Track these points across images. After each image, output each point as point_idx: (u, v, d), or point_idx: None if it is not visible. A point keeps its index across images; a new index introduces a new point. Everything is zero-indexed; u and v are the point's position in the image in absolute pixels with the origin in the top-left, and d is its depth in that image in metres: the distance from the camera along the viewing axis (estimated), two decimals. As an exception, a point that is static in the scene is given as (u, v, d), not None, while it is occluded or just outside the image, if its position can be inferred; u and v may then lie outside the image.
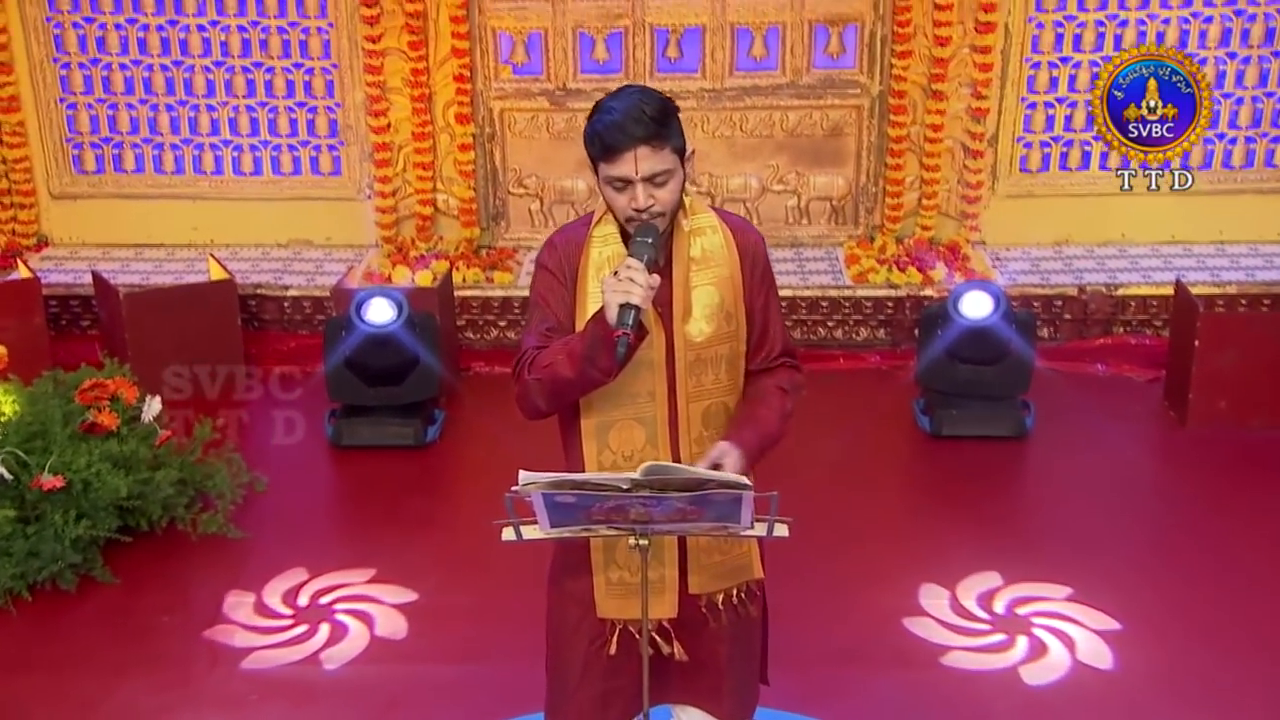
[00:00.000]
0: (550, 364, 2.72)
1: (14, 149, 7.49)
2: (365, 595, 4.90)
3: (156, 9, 7.30)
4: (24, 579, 4.76)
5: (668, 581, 2.96)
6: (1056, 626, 4.66)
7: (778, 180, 7.47)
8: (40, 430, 4.98)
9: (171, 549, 5.15)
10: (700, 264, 2.86)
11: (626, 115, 2.66)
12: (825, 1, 7.24)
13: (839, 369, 6.95)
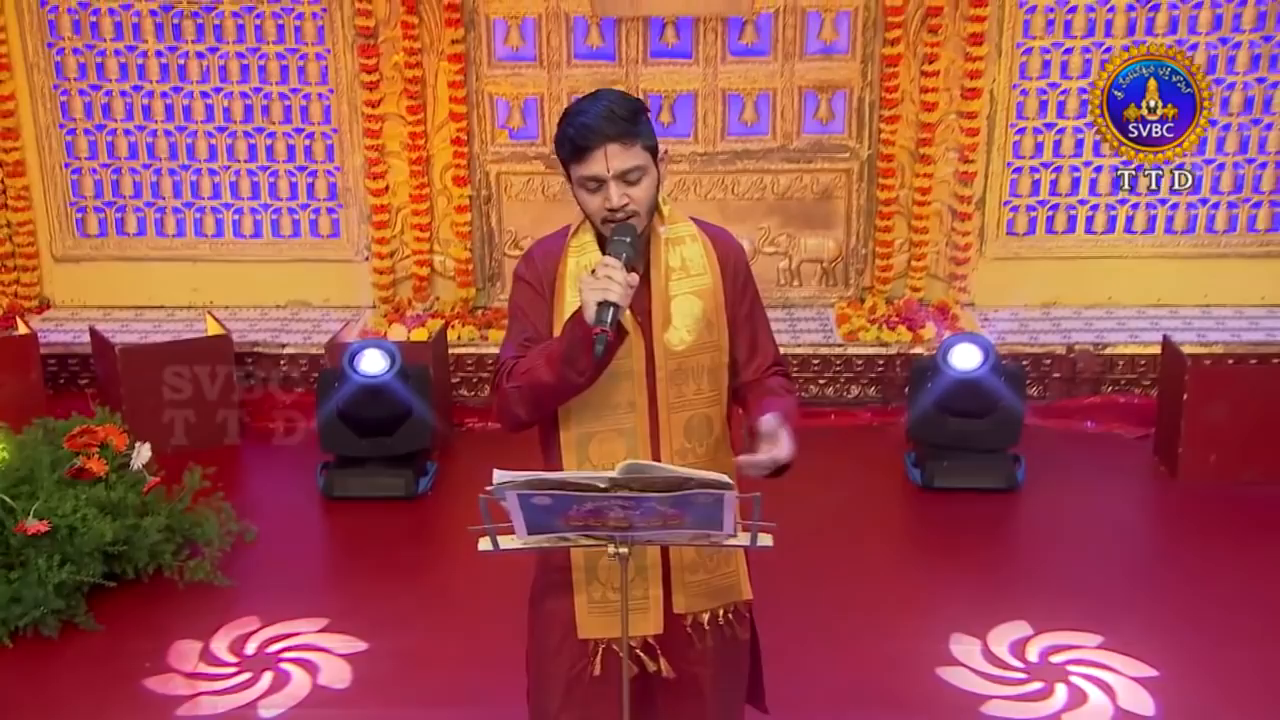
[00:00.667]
0: (529, 370, 2.63)
1: (18, 212, 7.42)
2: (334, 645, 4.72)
3: (161, 76, 7.28)
4: (5, 625, 4.63)
5: (652, 599, 2.84)
6: (1093, 674, 4.47)
7: (769, 242, 7.37)
8: (27, 476, 4.89)
9: (158, 596, 4.97)
10: (680, 272, 2.78)
11: (596, 115, 2.59)
12: (815, 69, 7.18)
13: (830, 425, 6.79)
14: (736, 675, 2.99)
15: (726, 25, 7.11)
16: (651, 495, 2.31)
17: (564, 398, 2.65)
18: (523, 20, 7.14)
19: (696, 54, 7.16)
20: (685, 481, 2.31)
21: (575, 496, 2.33)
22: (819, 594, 4.99)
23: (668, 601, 2.85)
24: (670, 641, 2.86)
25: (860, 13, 7.09)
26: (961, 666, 4.50)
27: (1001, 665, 4.52)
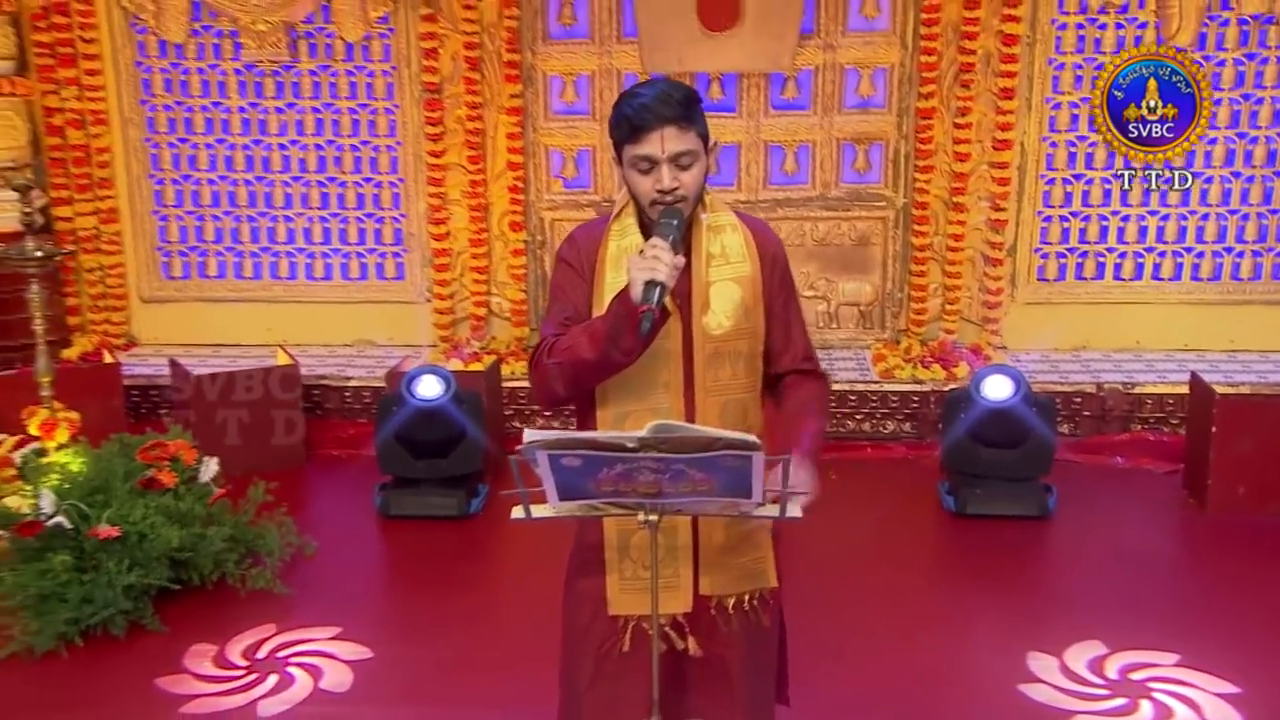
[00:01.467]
0: (570, 346, 2.47)
1: (110, 256, 7.42)
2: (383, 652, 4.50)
3: (243, 130, 7.29)
4: (77, 624, 4.48)
5: (682, 579, 2.66)
6: (1176, 691, 4.17)
7: (808, 286, 7.18)
8: (102, 485, 4.78)
9: (219, 601, 4.82)
10: (720, 260, 2.62)
11: (655, 98, 2.45)
12: (853, 122, 7.05)
13: (866, 458, 6.56)
14: (764, 662, 2.77)
15: (769, 81, 7.02)
16: (680, 457, 2.14)
17: (604, 375, 2.48)
18: (577, 76, 7.09)
19: (740, 108, 7.06)
20: (714, 441, 2.13)
21: (605, 458, 2.16)
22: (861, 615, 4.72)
23: (696, 583, 2.67)
24: (698, 622, 2.68)
25: (896, 69, 6.97)
26: (1043, 683, 4.20)
27: (1082, 682, 4.22)
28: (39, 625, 4.42)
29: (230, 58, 7.17)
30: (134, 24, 7.16)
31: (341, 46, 7.10)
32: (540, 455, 2.16)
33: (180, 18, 7.09)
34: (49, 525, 4.54)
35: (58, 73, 7.11)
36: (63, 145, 7.21)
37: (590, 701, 2.67)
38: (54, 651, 4.40)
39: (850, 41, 6.95)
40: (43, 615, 4.44)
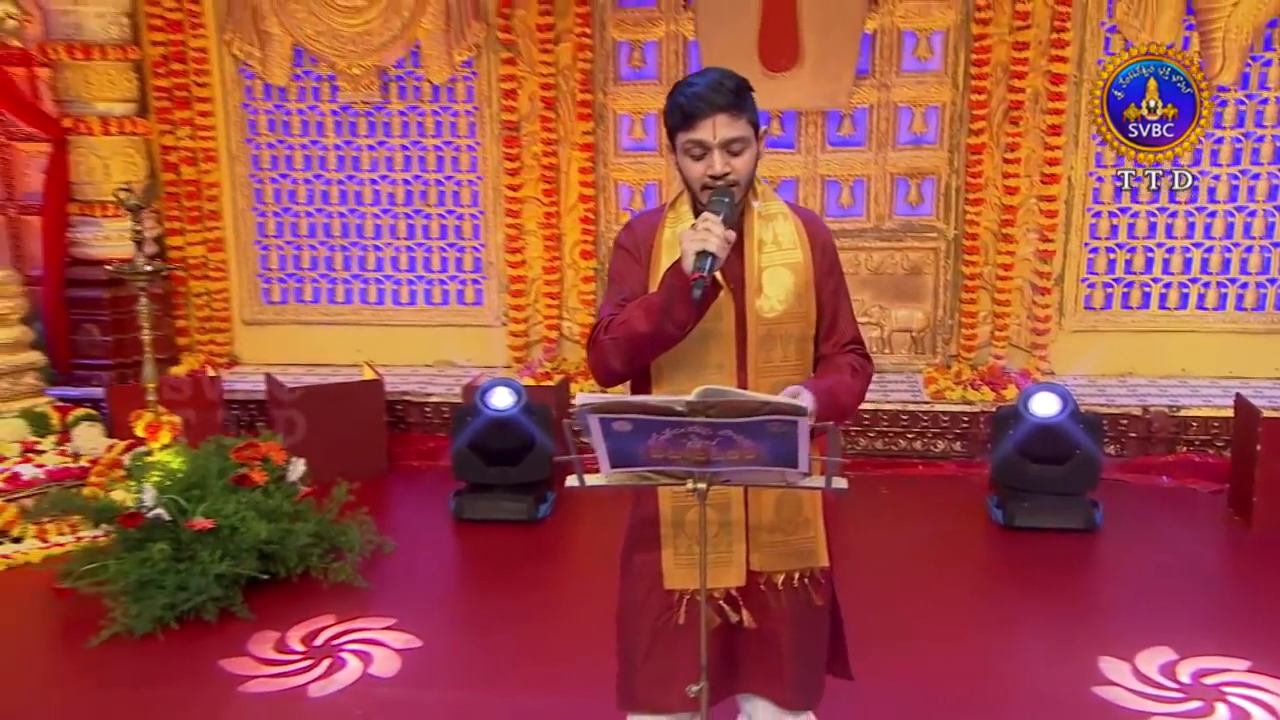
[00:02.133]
0: (626, 321, 2.42)
1: (216, 282, 7.51)
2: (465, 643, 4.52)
3: (338, 166, 7.36)
4: (173, 609, 4.49)
5: (735, 554, 2.58)
6: (1252, 695, 3.98)
7: (863, 314, 7.05)
8: (199, 482, 4.82)
9: (304, 593, 4.81)
10: (772, 246, 2.56)
11: (707, 86, 2.42)
12: (906, 157, 6.95)
13: (917, 474, 6.40)
14: (814, 638, 2.66)
15: (826, 118, 6.95)
16: (727, 421, 2.06)
17: (659, 349, 2.42)
18: (645, 115, 7.07)
19: (799, 144, 6.99)
20: (760, 406, 2.06)
21: (655, 423, 2.08)
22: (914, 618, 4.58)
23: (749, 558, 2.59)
24: (751, 597, 2.59)
25: (948, 107, 6.86)
26: (1117, 686, 4.03)
27: (1156, 685, 4.05)
28: (138, 609, 4.45)
29: (328, 99, 7.26)
30: (242, 69, 7.28)
31: (429, 89, 7.16)
32: (592, 420, 2.10)
33: (283, 63, 7.20)
34: (149, 517, 4.56)
35: (174, 114, 7.25)
36: (176, 180, 7.33)
37: (646, 673, 2.59)
38: (151, 634, 4.40)
39: (904, 81, 6.86)
40: (142, 600, 4.47)
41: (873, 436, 6.54)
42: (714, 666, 2.56)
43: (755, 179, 2.56)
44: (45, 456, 5.79)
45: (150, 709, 4.01)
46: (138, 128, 7.11)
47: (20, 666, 4.39)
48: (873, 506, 5.92)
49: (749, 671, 2.64)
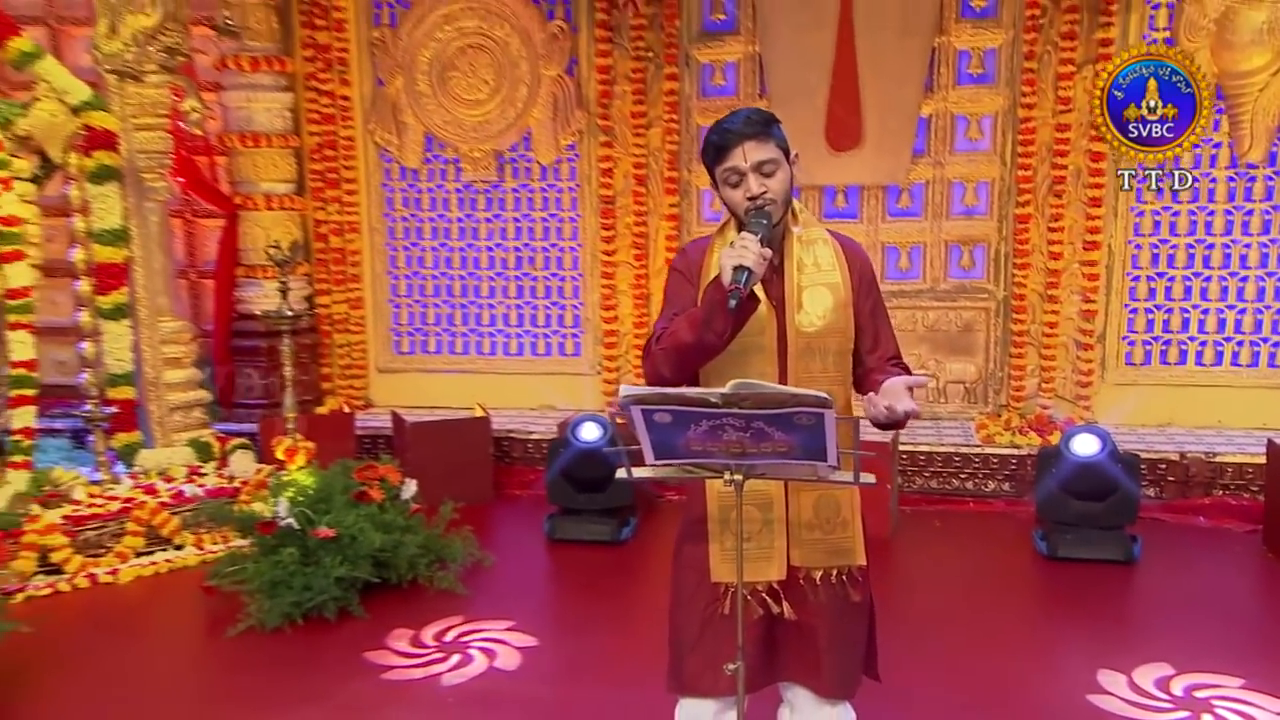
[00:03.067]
0: (674, 332, 2.39)
1: (355, 335, 7.66)
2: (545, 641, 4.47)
3: (459, 236, 7.49)
4: (299, 606, 4.54)
5: (777, 550, 2.51)
6: (1239, 709, 3.76)
7: (920, 366, 6.90)
8: (326, 497, 4.87)
9: (412, 598, 4.82)
10: (812, 268, 2.51)
11: (733, 121, 2.41)
12: (959, 226, 6.83)
13: (969, 511, 6.18)
14: (851, 632, 2.56)
15: (886, 192, 6.86)
16: (759, 413, 2.01)
17: (703, 357, 2.37)
18: (726, 191, 7.06)
19: (861, 214, 6.92)
20: (789, 399, 2.00)
21: (692, 415, 2.03)
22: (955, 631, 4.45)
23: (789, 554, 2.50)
24: (791, 590, 2.51)
25: (997, 182, 6.73)
26: (1110, 695, 3.85)
27: (1148, 696, 3.86)
28: (269, 605, 4.50)
29: (452, 179, 7.41)
30: (382, 154, 7.48)
31: (538, 169, 7.26)
32: (635, 411, 2.06)
33: (417, 149, 7.39)
34: (282, 526, 4.63)
35: (325, 192, 7.46)
36: (325, 249, 7.53)
37: (694, 659, 2.52)
38: (279, 628, 4.45)
39: (956, 160, 6.76)
40: (273, 597, 4.52)
41: (928, 476, 6.35)
42: (756, 655, 2.48)
43: (797, 207, 2.52)
44: (206, 478, 5.92)
45: (298, 692, 4.01)
46: (295, 204, 7.34)
47: (175, 651, 4.52)
48: (926, 537, 5.74)
49: (789, 661, 2.55)
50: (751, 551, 2.46)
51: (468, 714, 3.83)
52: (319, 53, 7.28)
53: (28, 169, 5.83)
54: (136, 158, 6.06)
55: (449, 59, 7.20)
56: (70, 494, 5.54)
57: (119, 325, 6.06)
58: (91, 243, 6.00)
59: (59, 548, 5.16)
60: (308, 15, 7.24)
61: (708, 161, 2.45)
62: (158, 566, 5.30)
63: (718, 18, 6.91)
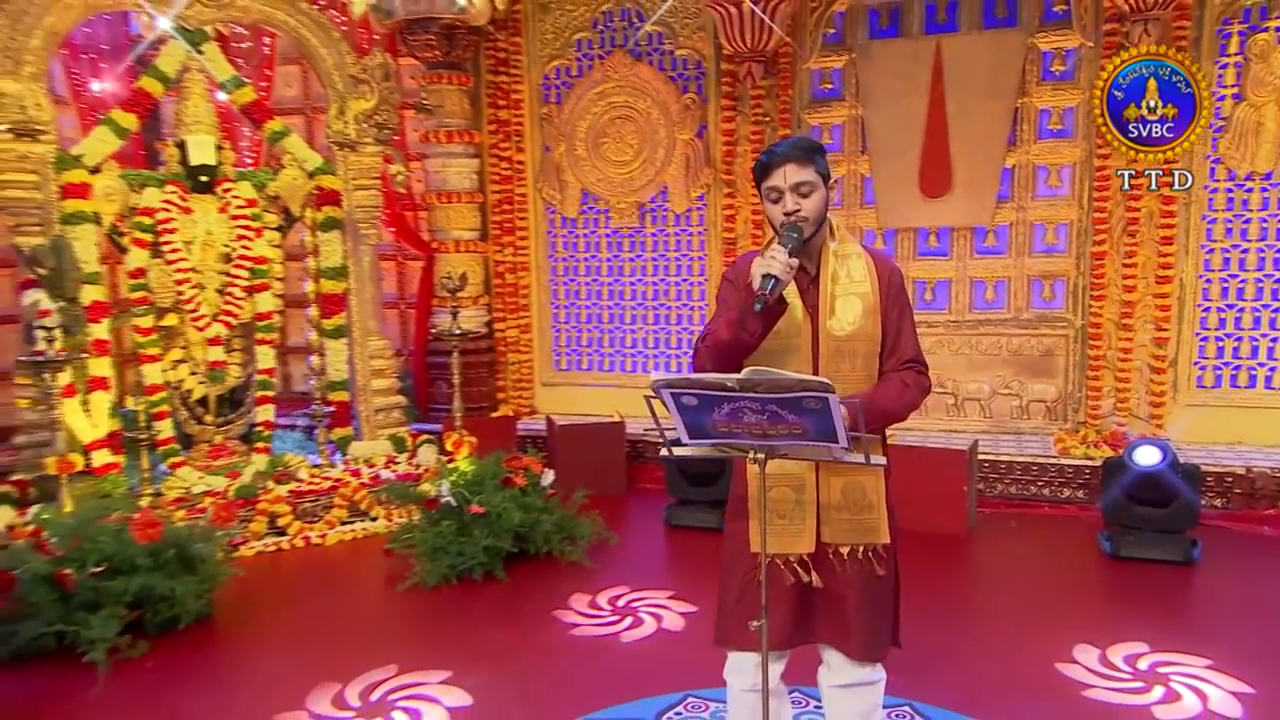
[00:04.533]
0: (715, 331, 2.39)
1: (524, 355, 7.85)
2: (669, 609, 4.42)
3: (608, 273, 7.59)
4: (454, 569, 4.69)
5: (807, 527, 2.47)
6: (1194, 685, 3.48)
7: (1005, 386, 6.57)
8: (479, 481, 4.99)
9: (548, 568, 4.90)
10: (845, 279, 2.45)
11: (783, 146, 2.39)
12: (1040, 262, 6.47)
13: (1044, 514, 5.83)
14: (877, 602, 2.47)
15: (974, 233, 6.58)
16: (772, 397, 1.97)
17: (740, 354, 2.34)
18: (831, 234, 6.93)
19: (952, 252, 6.65)
20: (796, 384, 1.96)
21: (714, 398, 2.02)
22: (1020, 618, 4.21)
23: (819, 531, 2.44)
24: (821, 563, 2.44)
25: (1075, 224, 6.35)
26: (1077, 664, 3.63)
27: (1112, 668, 3.66)
28: (430, 567, 4.67)
29: (603, 226, 7.54)
30: (548, 207, 7.69)
31: (673, 217, 7.31)
32: (665, 393, 2.06)
33: (575, 202, 7.57)
34: (443, 503, 4.79)
35: (502, 239, 7.71)
36: (502, 284, 7.77)
37: (734, 618, 2.49)
38: (437, 586, 4.60)
39: (1038, 204, 6.42)
40: (434, 561, 4.68)
41: (1008, 483, 6.03)
42: (790, 617, 2.43)
43: (835, 225, 2.47)
44: (399, 466, 6.18)
45: (495, 642, 4.06)
46: (478, 248, 7.62)
47: (359, 599, 4.69)
48: (1001, 536, 5.46)
49: (822, 626, 2.48)
50: (784, 527, 2.41)
51: (650, 666, 3.80)
52: (500, 126, 7.57)
53: (275, 220, 6.30)
54: (355, 211, 6.45)
55: (601, 128, 7.36)
56: (296, 474, 5.89)
57: (338, 343, 6.44)
58: (319, 278, 6.42)
59: (284, 515, 5.51)
60: (493, 97, 7.55)
61: (756, 179, 2.44)
62: (355, 533, 5.58)
63: (826, 87, 6.82)
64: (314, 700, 3.52)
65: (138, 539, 3.87)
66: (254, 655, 3.96)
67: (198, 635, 4.06)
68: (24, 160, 5.35)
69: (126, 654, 3.78)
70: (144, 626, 3.94)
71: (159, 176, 5.92)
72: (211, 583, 4.16)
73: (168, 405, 5.89)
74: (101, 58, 7.76)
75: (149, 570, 3.84)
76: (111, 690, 3.60)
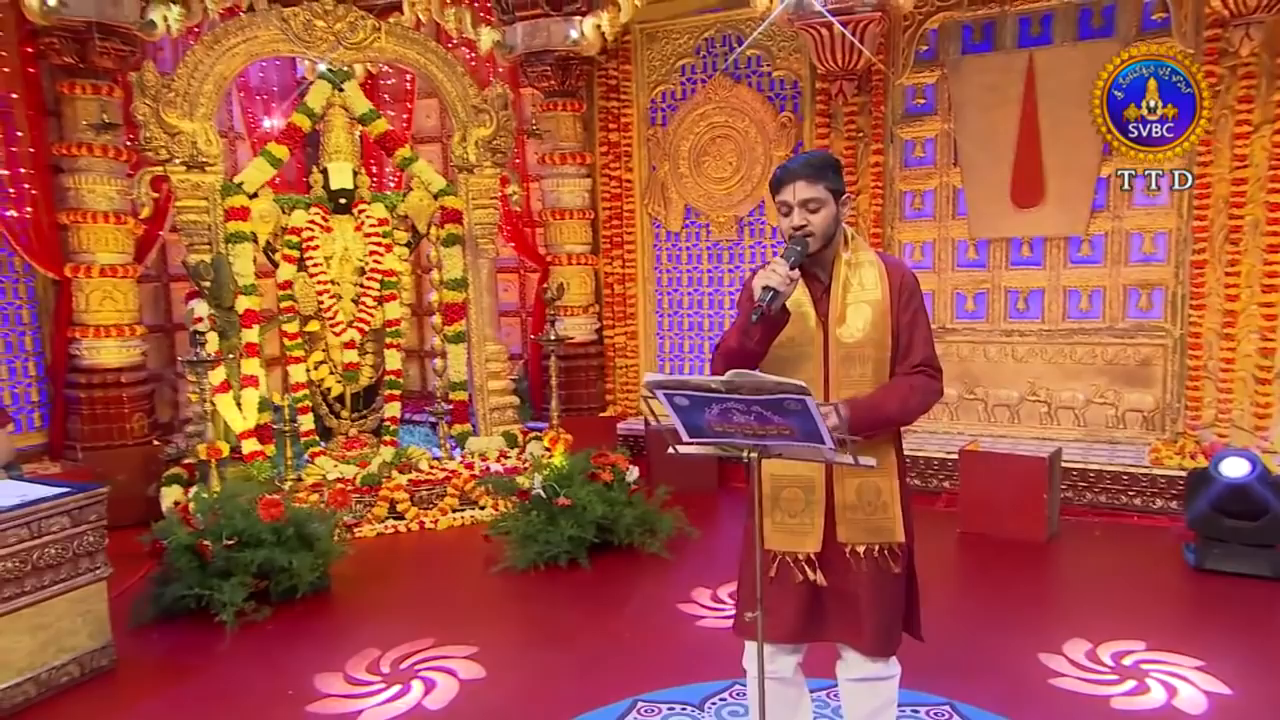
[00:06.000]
0: (725, 338, 2.42)
1: (630, 360, 7.92)
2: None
3: (708, 284, 7.60)
4: (541, 555, 4.81)
5: (815, 526, 2.46)
6: (1169, 682, 3.33)
7: (1099, 396, 6.19)
8: (569, 475, 5.10)
9: (629, 558, 4.97)
10: (857, 287, 2.42)
11: (795, 162, 2.38)
12: (1137, 271, 6.07)
13: (1133, 524, 5.47)
14: (891, 600, 2.43)
15: (1068, 242, 6.24)
16: (755, 399, 1.98)
17: (747, 360, 2.34)
18: (923, 244, 6.72)
19: (1045, 262, 6.32)
20: (775, 386, 1.95)
21: (704, 399, 2.04)
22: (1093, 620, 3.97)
23: (830, 531, 2.41)
24: (835, 562, 2.41)
25: (1174, 233, 5.93)
26: (1061, 656, 3.33)
27: (1097, 661, 3.44)
28: (520, 553, 4.81)
29: (704, 239, 7.57)
30: (654, 222, 7.78)
31: (769, 229, 7.27)
32: (659, 393, 2.09)
33: (678, 216, 7.63)
34: (534, 494, 4.93)
35: (612, 252, 7.83)
36: (611, 294, 7.90)
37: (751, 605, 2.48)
38: (525, 571, 4.74)
39: (1135, 213, 6.03)
40: (524, 547, 4.83)
41: (1097, 491, 5.68)
42: (802, 613, 2.42)
43: (851, 235, 2.44)
44: (509, 460, 6.37)
45: (565, 623, 4.15)
46: (589, 261, 7.78)
47: (459, 580, 4.87)
48: (1082, 544, 5.17)
49: (835, 623, 2.45)
50: (794, 526, 2.40)
51: (711, 653, 3.75)
52: (611, 148, 7.73)
53: (404, 237, 6.67)
54: (474, 228, 6.74)
55: (702, 147, 7.40)
56: (417, 464, 6.20)
57: (458, 347, 6.74)
58: (442, 289, 6.74)
59: (403, 501, 5.82)
60: (604, 121, 7.72)
61: (771, 192, 2.44)
62: (464, 520, 5.83)
63: (918, 102, 6.63)
64: (384, 663, 3.74)
65: (263, 517, 4.20)
66: (355, 623, 4.21)
67: (312, 604, 4.36)
68: (196, 188, 5.89)
69: (251, 617, 4.11)
70: (268, 594, 4.26)
71: (305, 199, 6.38)
72: (326, 559, 4.45)
73: (310, 401, 6.33)
74: (272, 97, 8.40)
75: (272, 545, 4.17)
76: (236, 647, 3.93)
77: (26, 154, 6.03)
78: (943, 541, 5.19)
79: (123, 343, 6.17)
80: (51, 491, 3.43)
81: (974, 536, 5.19)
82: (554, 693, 3.46)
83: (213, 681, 3.64)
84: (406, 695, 3.48)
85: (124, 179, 6.21)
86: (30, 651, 3.37)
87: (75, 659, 3.52)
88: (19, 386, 6.27)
